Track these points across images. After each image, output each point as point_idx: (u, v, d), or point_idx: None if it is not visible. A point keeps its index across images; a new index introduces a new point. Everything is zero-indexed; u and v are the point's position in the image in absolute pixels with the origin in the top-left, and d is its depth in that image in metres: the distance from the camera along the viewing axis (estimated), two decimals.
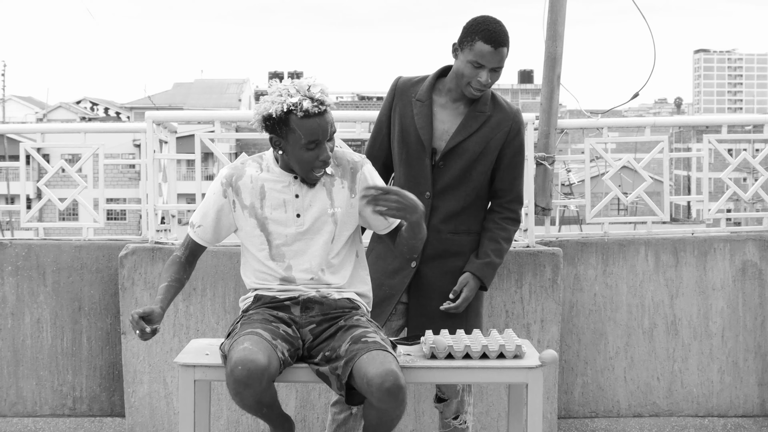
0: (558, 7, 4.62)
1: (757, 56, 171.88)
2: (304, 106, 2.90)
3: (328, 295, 3.07)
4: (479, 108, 3.41)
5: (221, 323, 4.35)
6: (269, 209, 3.06)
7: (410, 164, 3.44)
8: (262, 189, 3.06)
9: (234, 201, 3.09)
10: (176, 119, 4.90)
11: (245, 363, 2.76)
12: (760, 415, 4.67)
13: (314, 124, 2.92)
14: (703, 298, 4.62)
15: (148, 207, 4.54)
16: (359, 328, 2.96)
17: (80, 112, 52.57)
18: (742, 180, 31.39)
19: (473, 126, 3.39)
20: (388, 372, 2.76)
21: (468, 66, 3.32)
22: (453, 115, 3.43)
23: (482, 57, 3.29)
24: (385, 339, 2.96)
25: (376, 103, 61.17)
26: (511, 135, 3.43)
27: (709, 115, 32.23)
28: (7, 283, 4.60)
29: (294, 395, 4.38)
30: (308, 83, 2.94)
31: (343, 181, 3.08)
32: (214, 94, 56.32)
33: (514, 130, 3.44)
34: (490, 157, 3.42)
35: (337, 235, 3.07)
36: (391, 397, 2.78)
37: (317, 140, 2.93)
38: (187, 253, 3.17)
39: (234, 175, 3.10)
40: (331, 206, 3.06)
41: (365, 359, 2.81)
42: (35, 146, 4.71)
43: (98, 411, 4.65)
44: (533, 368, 3.00)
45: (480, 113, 3.41)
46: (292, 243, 3.06)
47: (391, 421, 2.90)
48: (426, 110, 3.42)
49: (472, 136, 3.39)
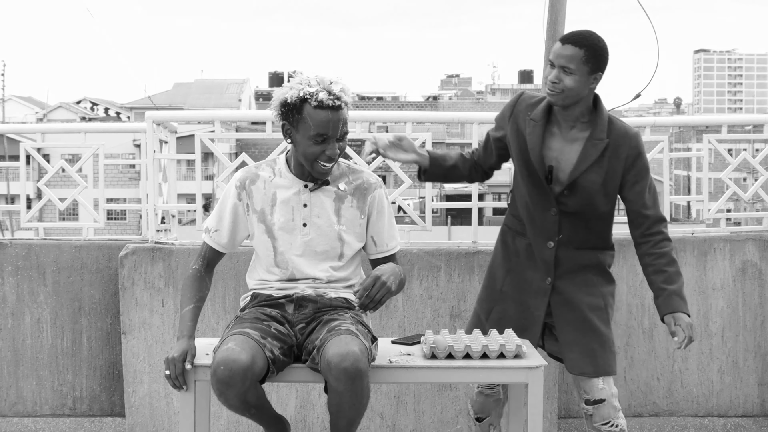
0: (558, 7, 4.62)
1: (757, 56, 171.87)
2: (319, 97, 2.91)
3: (324, 294, 3.08)
4: (597, 135, 3.27)
5: (221, 323, 4.35)
6: (278, 216, 3.07)
7: (533, 183, 3.33)
8: (273, 196, 3.08)
9: (247, 204, 3.10)
10: (176, 119, 4.90)
11: (227, 363, 2.76)
12: (760, 415, 4.67)
13: (326, 117, 2.92)
14: (703, 298, 4.62)
15: (148, 207, 4.55)
16: (337, 320, 2.96)
17: (80, 112, 52.58)
18: (742, 180, 31.40)
19: (593, 154, 3.26)
20: (348, 353, 2.73)
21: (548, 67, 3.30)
22: (572, 142, 3.31)
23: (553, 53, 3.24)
24: (363, 332, 2.93)
25: (376, 103, 61.19)
26: (630, 159, 3.28)
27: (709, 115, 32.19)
28: (7, 283, 4.60)
29: (294, 395, 4.38)
30: (331, 78, 2.96)
31: (353, 199, 3.09)
32: (214, 94, 56.28)
33: (632, 154, 3.29)
34: (613, 184, 3.30)
35: (343, 252, 3.09)
36: (347, 378, 2.73)
37: (326, 134, 2.93)
38: (205, 264, 3.16)
39: (248, 178, 3.11)
40: (337, 222, 3.07)
41: (331, 342, 2.80)
42: (35, 146, 4.71)
43: (98, 411, 4.65)
44: (533, 368, 3.00)
45: (598, 140, 3.27)
46: (296, 252, 3.07)
47: (351, 409, 2.83)
48: (539, 131, 3.31)
49: (593, 167, 3.27)
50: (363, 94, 66.19)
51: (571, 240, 3.33)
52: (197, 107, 48.80)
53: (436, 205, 4.66)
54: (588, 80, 3.20)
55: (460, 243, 4.54)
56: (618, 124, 3.31)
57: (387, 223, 3.14)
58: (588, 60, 3.18)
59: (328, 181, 3.08)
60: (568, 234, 3.32)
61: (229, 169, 4.47)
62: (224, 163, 4.53)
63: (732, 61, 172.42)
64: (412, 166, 3.49)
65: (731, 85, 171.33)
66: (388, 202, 3.16)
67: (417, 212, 5.07)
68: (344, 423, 2.88)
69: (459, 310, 4.40)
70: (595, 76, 3.21)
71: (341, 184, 3.09)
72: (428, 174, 3.46)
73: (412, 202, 27.20)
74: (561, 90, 3.20)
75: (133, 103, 54.72)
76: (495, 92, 77.67)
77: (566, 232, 3.32)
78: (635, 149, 3.28)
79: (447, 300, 4.40)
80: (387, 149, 3.40)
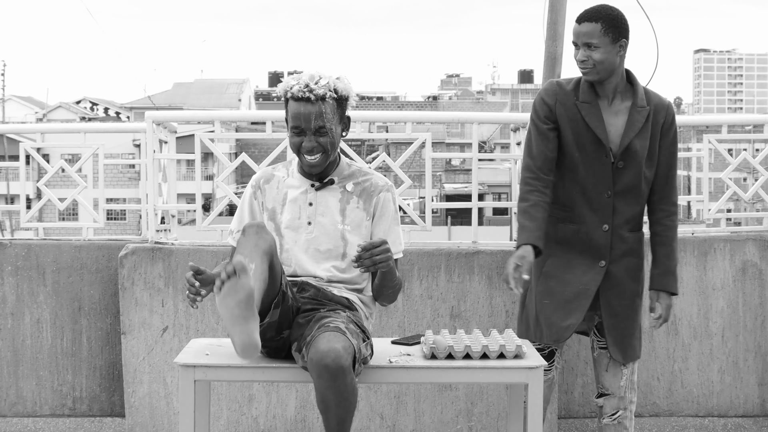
0: (558, 7, 4.62)
1: (757, 56, 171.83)
2: (293, 89, 3.00)
3: (326, 289, 3.08)
4: (639, 103, 3.42)
5: (221, 323, 4.34)
6: (286, 214, 3.12)
7: (589, 165, 3.41)
8: (285, 196, 3.14)
9: (262, 203, 3.17)
10: (176, 119, 4.89)
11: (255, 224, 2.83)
12: (760, 415, 4.67)
13: (298, 109, 3.00)
14: (703, 298, 4.62)
15: (148, 207, 4.54)
16: (330, 317, 2.95)
17: (80, 112, 52.55)
18: (742, 180, 31.38)
19: (640, 121, 3.41)
20: (330, 349, 2.73)
21: (574, 49, 3.40)
22: (617, 113, 3.43)
23: (573, 34, 3.38)
24: (354, 331, 2.91)
25: (376, 103, 61.19)
26: (666, 125, 3.45)
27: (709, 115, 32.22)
28: (7, 283, 4.60)
29: (294, 395, 4.38)
30: (321, 75, 3.01)
31: (359, 201, 3.11)
32: (214, 94, 56.27)
33: (668, 120, 3.46)
34: (653, 149, 3.45)
35: (346, 252, 3.09)
36: (329, 375, 2.72)
37: (299, 126, 3.01)
38: None
39: (262, 178, 3.19)
40: (341, 222, 3.09)
41: (316, 339, 2.80)
42: (35, 146, 4.71)
43: (98, 411, 4.65)
44: (533, 368, 3.00)
45: (642, 108, 3.42)
46: (300, 249, 3.09)
47: (338, 407, 2.80)
48: (595, 110, 3.41)
49: (641, 133, 3.41)
50: (363, 94, 66.18)
51: (623, 223, 3.46)
52: (197, 107, 48.77)
53: (436, 205, 4.68)
54: (614, 49, 3.35)
55: (460, 243, 4.54)
56: (653, 93, 3.49)
57: (388, 227, 3.14)
58: (607, 30, 3.32)
59: (333, 180, 3.12)
60: (621, 216, 3.45)
61: (229, 169, 4.47)
62: (224, 163, 4.53)
63: (732, 61, 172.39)
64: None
65: (731, 85, 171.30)
66: (395, 207, 3.17)
67: (417, 212, 5.07)
68: (334, 422, 2.86)
69: (459, 310, 4.39)
70: (620, 43, 3.36)
71: (349, 184, 3.13)
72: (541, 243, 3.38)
73: (412, 202, 27.18)
74: (592, 65, 3.35)
75: (133, 103, 54.69)
76: (495, 92, 77.70)
77: (619, 214, 3.44)
78: (671, 116, 3.48)
79: (447, 300, 4.40)
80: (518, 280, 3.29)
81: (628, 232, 3.47)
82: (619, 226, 3.45)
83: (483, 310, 4.40)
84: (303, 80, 3.00)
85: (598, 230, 3.43)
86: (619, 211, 3.44)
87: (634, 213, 3.47)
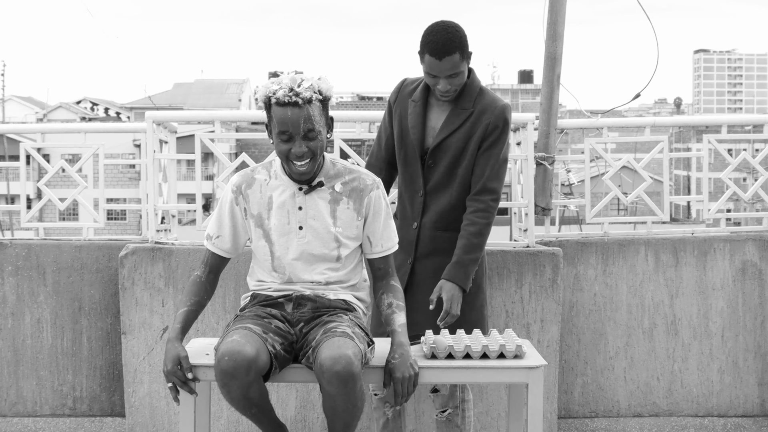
0: (558, 7, 4.62)
1: (757, 56, 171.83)
2: (277, 94, 2.91)
3: (323, 295, 3.07)
4: (463, 105, 3.47)
5: (221, 323, 4.35)
6: (274, 220, 3.05)
7: (407, 164, 3.54)
8: (270, 200, 3.06)
9: (245, 209, 3.09)
10: (176, 119, 4.89)
11: (232, 354, 2.76)
12: (760, 415, 4.67)
13: (285, 114, 2.91)
14: (703, 298, 4.62)
15: (148, 207, 4.55)
16: (334, 322, 2.95)
17: (80, 112, 52.57)
18: (742, 180, 31.38)
19: (456, 123, 3.46)
20: (341, 356, 2.73)
21: (427, 76, 3.42)
22: (441, 113, 3.51)
23: (432, 68, 3.38)
24: (360, 335, 2.91)
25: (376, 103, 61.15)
26: (489, 128, 3.46)
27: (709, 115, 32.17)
28: (7, 283, 4.60)
29: (294, 395, 4.38)
30: (303, 78, 2.95)
31: (349, 201, 3.07)
32: (214, 94, 56.28)
33: (492, 124, 3.46)
34: (472, 152, 3.47)
35: (340, 254, 3.07)
36: (339, 382, 2.72)
37: (287, 131, 2.93)
38: (207, 271, 3.15)
39: (244, 182, 3.10)
40: (333, 225, 3.05)
41: (325, 344, 2.80)
42: (35, 146, 4.71)
43: (98, 411, 4.65)
44: (533, 368, 3.00)
45: (463, 110, 3.47)
46: (293, 256, 3.06)
47: (345, 412, 2.82)
48: (419, 110, 3.50)
49: (455, 133, 3.46)
50: (363, 94, 66.12)
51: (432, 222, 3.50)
52: (197, 107, 48.79)
53: None
54: (466, 67, 3.44)
55: None
56: (489, 96, 3.52)
57: (383, 224, 3.12)
58: (463, 55, 3.39)
59: (322, 182, 3.05)
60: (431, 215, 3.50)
61: (229, 169, 4.47)
62: (224, 163, 4.53)
63: (732, 61, 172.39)
64: None
65: (731, 85, 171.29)
66: (386, 203, 3.14)
67: None
68: (340, 426, 2.87)
69: None
70: (468, 60, 3.44)
71: (337, 185, 3.06)
72: None
73: None
74: (455, 91, 3.43)
75: (133, 103, 54.72)
76: (495, 92, 77.66)
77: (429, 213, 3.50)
78: (499, 119, 3.47)
79: None
80: None
81: (438, 231, 3.50)
82: (427, 225, 3.50)
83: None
84: (285, 84, 2.92)
85: (410, 228, 3.53)
86: (430, 209, 3.50)
87: (443, 211, 3.49)
